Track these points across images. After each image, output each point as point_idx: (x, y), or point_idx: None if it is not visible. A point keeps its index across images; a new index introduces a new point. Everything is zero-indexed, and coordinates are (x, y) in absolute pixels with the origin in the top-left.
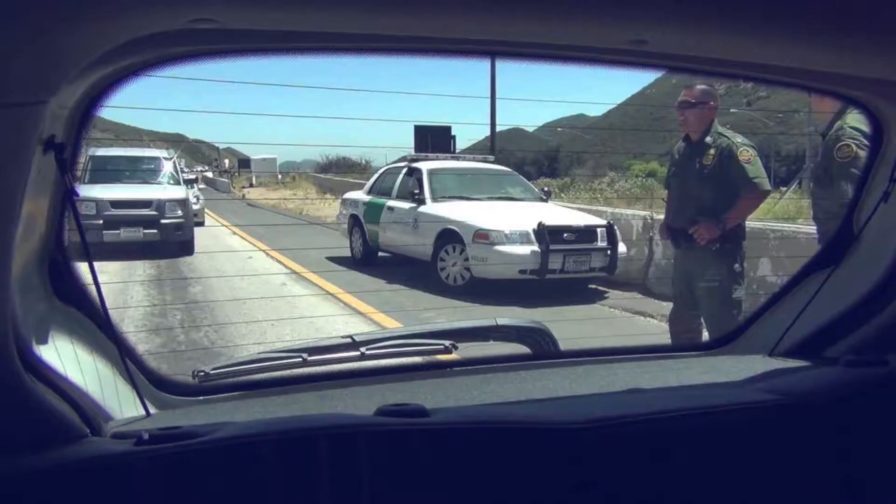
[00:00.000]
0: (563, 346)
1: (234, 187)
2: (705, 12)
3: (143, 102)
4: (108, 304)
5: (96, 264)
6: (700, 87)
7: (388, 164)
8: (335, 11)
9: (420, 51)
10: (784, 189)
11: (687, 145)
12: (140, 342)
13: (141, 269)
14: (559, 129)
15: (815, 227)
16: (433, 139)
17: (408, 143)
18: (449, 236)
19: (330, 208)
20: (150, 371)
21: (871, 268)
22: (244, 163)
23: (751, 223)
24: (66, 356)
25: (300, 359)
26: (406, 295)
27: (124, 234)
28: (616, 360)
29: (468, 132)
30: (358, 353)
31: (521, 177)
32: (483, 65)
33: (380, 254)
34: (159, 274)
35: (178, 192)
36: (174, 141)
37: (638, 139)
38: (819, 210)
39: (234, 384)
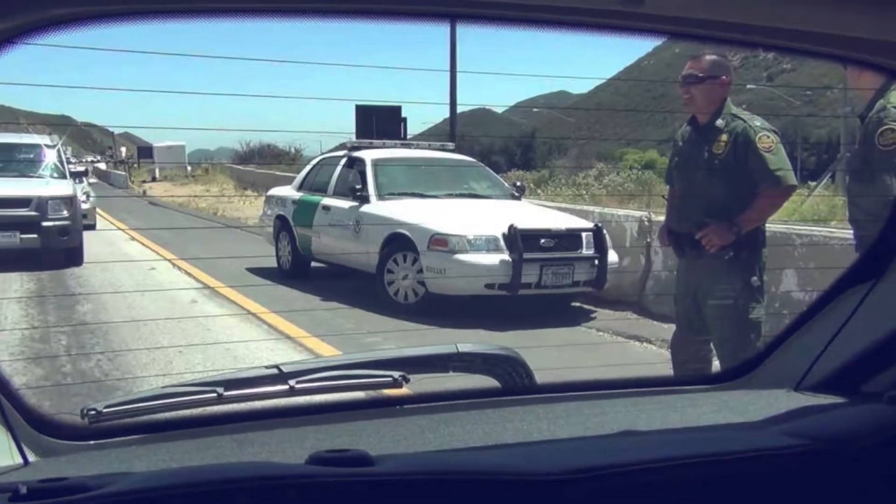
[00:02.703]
0: (539, 378)
1: (132, 182)
2: None
3: (20, 77)
4: None
5: None
6: (709, 57)
7: (323, 154)
8: None
9: (363, 13)
10: (813, 184)
11: (693, 130)
12: (16, 374)
13: (17, 282)
14: (535, 109)
15: (851, 232)
16: (379, 122)
17: (348, 127)
18: (399, 243)
19: (251, 207)
20: (29, 409)
21: None
22: (145, 151)
23: (772, 226)
24: None
25: (214, 394)
26: (345, 315)
27: None
28: (606, 396)
29: (422, 114)
30: (286, 386)
31: (487, 169)
32: (441, 30)
33: (313, 264)
34: (40, 289)
35: (64, 188)
36: (58, 124)
37: (632, 122)
38: (857, 210)
39: (133, 426)
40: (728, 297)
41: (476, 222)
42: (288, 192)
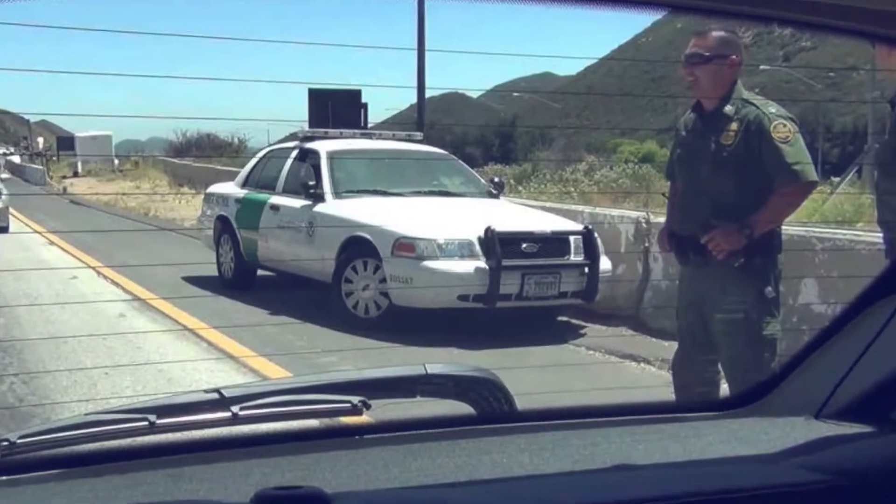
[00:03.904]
0: (520, 403)
1: (51, 177)
2: None
3: None
4: None
5: None
6: (717, 34)
7: (271, 145)
8: None
9: None
10: (836, 180)
11: (698, 118)
12: None
13: None
14: (515, 93)
15: (880, 235)
16: (336, 108)
17: (300, 114)
18: (358, 247)
19: (188, 207)
20: None
21: None
22: (66, 142)
23: (790, 228)
24: None
25: (146, 422)
26: (297, 331)
27: None
28: (597, 425)
29: (386, 99)
30: (228, 413)
31: (461, 163)
32: (407, 3)
33: (259, 272)
34: None
35: None
36: None
37: (628, 109)
38: (887, 210)
39: (52, 458)
40: (738, 310)
41: (447, 224)
42: (230, 189)
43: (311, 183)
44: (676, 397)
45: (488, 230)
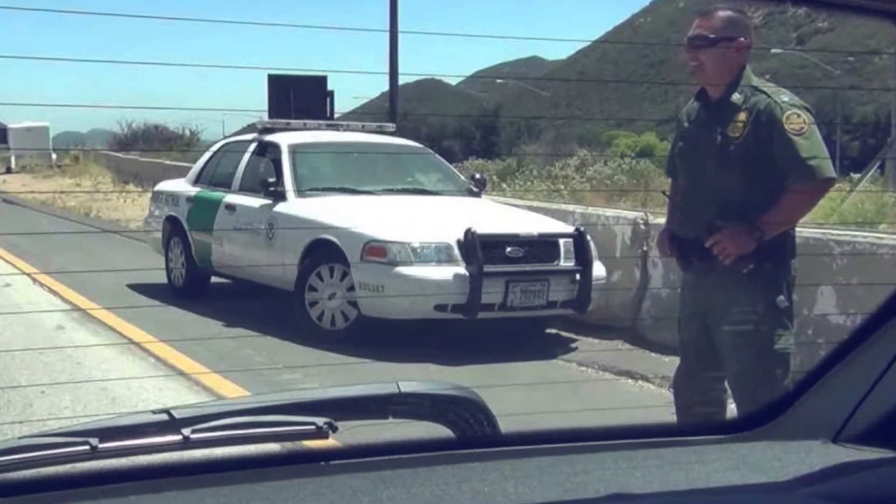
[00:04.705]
0: (504, 426)
1: None
2: None
3: None
4: None
5: None
6: (723, 14)
7: (226, 138)
8: None
9: None
10: (857, 176)
11: (702, 107)
12: None
13: None
14: (499, 80)
15: None
16: (299, 97)
17: (259, 102)
18: (324, 252)
19: (134, 207)
20: None
21: None
22: None
23: (804, 230)
24: None
25: (87, 447)
26: (255, 345)
27: None
28: (590, 449)
29: (354, 86)
30: (179, 437)
31: (438, 157)
32: None
33: (213, 279)
34: None
35: None
36: None
37: (624, 97)
38: None
39: None
40: (747, 321)
41: (423, 226)
42: (181, 186)
43: (270, 180)
44: (678, 418)
45: (469, 232)
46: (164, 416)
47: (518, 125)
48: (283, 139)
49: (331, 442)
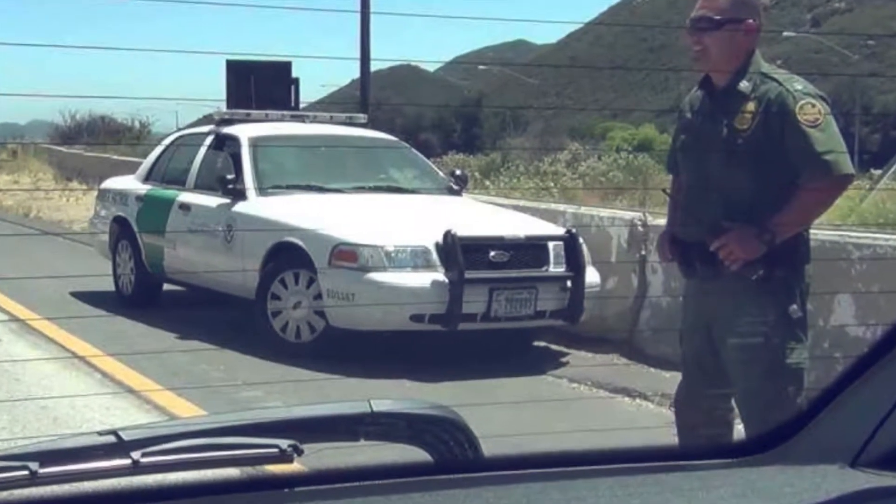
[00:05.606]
0: (487, 448)
1: None
2: None
3: None
4: None
5: None
6: None
7: (180, 130)
8: None
9: None
10: (877, 173)
11: (707, 96)
12: None
13: None
14: (482, 66)
15: None
16: (260, 85)
17: (216, 91)
18: (288, 256)
19: (78, 206)
20: None
21: None
22: None
23: (819, 232)
24: None
25: (26, 472)
26: (212, 359)
27: None
28: (583, 474)
29: (322, 73)
30: (128, 461)
31: (414, 151)
32: None
33: (166, 286)
34: None
35: None
36: None
37: (620, 85)
38: None
39: None
40: (756, 333)
41: (398, 227)
42: (130, 184)
43: (229, 177)
44: (680, 440)
45: (448, 235)
46: (112, 438)
47: (503, 116)
48: (243, 132)
49: (295, 466)
